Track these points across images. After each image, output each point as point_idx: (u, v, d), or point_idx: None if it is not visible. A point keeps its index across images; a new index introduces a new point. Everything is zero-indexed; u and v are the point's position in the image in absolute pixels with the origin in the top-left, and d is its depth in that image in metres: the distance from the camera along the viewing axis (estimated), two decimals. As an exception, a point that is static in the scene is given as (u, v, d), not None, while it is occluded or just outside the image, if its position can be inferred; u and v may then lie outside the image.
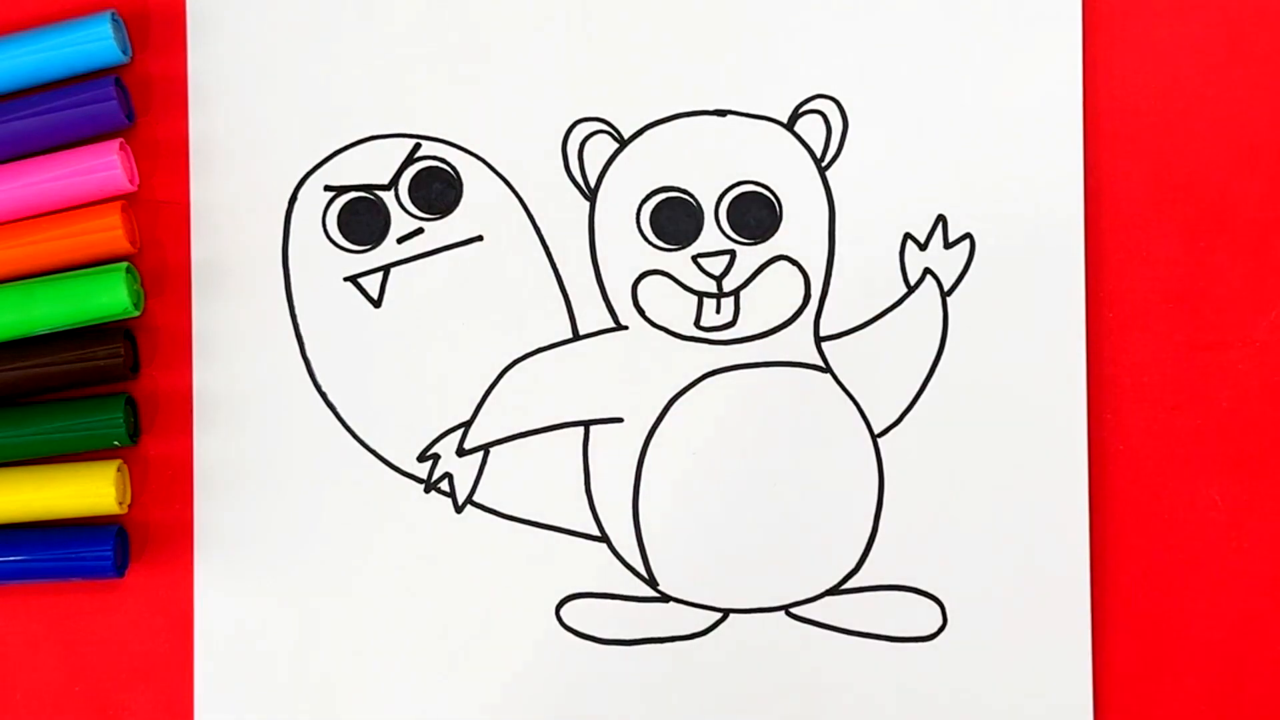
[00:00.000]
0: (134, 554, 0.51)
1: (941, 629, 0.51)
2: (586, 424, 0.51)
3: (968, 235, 0.51)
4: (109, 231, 0.50)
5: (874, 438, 0.51)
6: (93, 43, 0.50)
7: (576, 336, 0.51)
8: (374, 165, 0.51)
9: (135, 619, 0.51)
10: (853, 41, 0.51)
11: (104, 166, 0.50)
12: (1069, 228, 0.51)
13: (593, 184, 0.51)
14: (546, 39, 0.51)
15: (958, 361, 0.51)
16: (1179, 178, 0.51)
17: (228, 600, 0.51)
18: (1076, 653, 0.51)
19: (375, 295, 0.51)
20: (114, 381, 0.51)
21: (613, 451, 0.51)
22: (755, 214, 0.51)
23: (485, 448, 0.51)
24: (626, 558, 0.51)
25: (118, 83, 0.51)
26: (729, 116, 0.51)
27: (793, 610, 0.51)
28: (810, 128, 0.51)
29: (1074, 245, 0.51)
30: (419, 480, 0.51)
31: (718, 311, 0.51)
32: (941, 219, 0.51)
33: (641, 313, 0.51)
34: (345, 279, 0.52)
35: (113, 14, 0.51)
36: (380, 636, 0.51)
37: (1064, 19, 0.51)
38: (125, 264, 0.50)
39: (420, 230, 0.51)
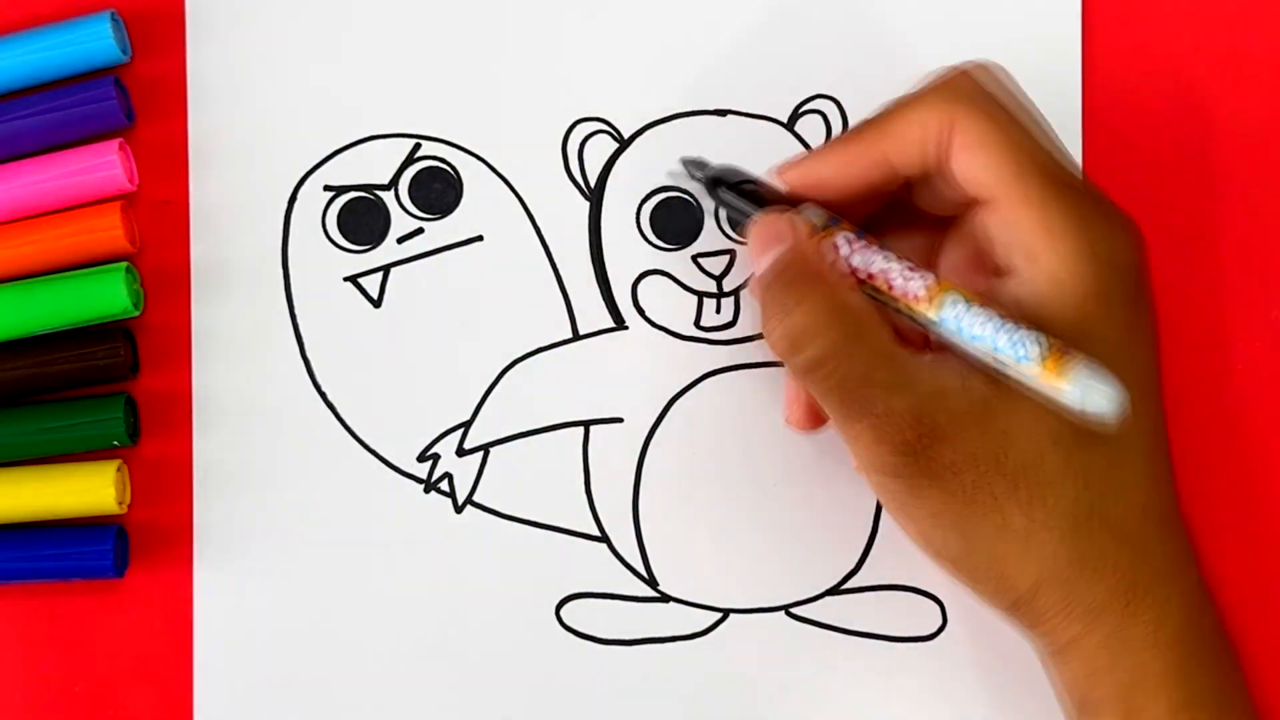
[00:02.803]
0: (134, 554, 0.51)
1: (941, 629, 0.51)
2: (586, 424, 0.51)
3: (968, 235, 0.51)
4: (109, 231, 0.50)
5: (874, 438, 0.51)
6: (92, 42, 0.50)
7: (576, 336, 0.51)
8: (374, 165, 0.51)
9: (135, 619, 0.51)
10: (853, 41, 0.51)
11: (104, 166, 0.50)
12: (1069, 228, 0.51)
13: (593, 184, 0.51)
14: (546, 39, 0.51)
15: (958, 361, 0.51)
16: (1179, 178, 0.51)
17: (227, 600, 0.51)
18: (1076, 653, 0.51)
19: (375, 295, 0.51)
20: (114, 381, 0.51)
21: (613, 451, 0.51)
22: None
23: (485, 448, 0.51)
24: (626, 558, 0.51)
25: (117, 82, 0.51)
26: (729, 116, 0.51)
27: (793, 610, 0.51)
28: (810, 128, 0.51)
29: (1074, 245, 0.51)
30: (419, 480, 0.51)
31: (717, 311, 0.51)
32: (941, 219, 0.51)
33: (641, 313, 0.51)
34: (345, 279, 0.52)
35: (112, 14, 0.51)
36: (380, 636, 0.51)
37: (1064, 19, 0.51)
38: (125, 264, 0.50)
39: (420, 230, 0.51)
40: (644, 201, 0.51)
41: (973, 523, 0.43)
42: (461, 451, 0.51)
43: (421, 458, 0.51)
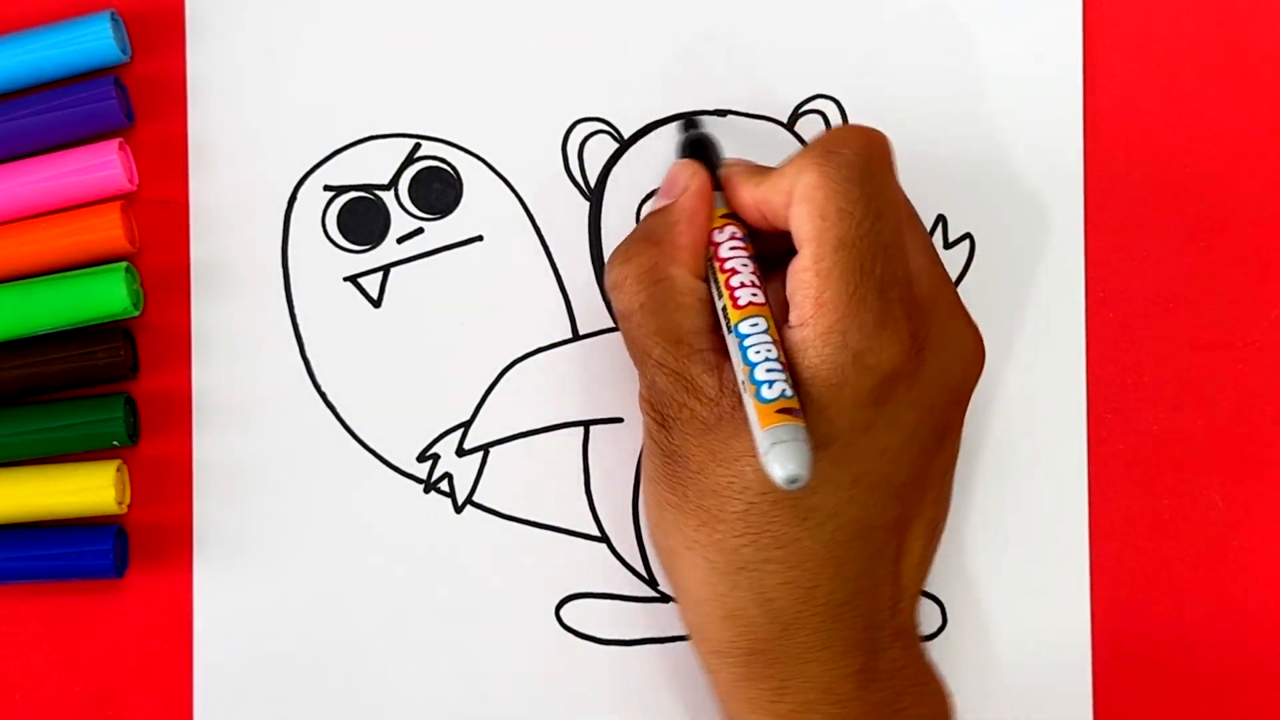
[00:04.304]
0: (134, 554, 0.51)
1: (941, 629, 0.51)
2: (586, 424, 0.51)
3: (968, 235, 0.51)
4: (108, 231, 0.50)
5: (874, 438, 0.51)
6: (92, 42, 0.50)
7: (576, 336, 0.51)
8: (374, 165, 0.51)
9: (135, 619, 0.51)
10: (853, 41, 0.51)
11: (103, 166, 0.50)
12: (1069, 228, 0.51)
13: (593, 184, 0.51)
14: (546, 39, 0.51)
15: (958, 361, 0.51)
16: (1179, 178, 0.51)
17: (227, 600, 0.51)
18: (1076, 652, 0.51)
19: (375, 295, 0.51)
20: (113, 381, 0.51)
21: (613, 451, 0.51)
22: (755, 214, 0.51)
23: (485, 448, 0.51)
24: (626, 558, 0.51)
25: (117, 82, 0.50)
26: (729, 116, 0.51)
27: (793, 610, 0.51)
28: (810, 128, 0.51)
29: (1074, 245, 0.51)
30: (419, 480, 0.51)
31: (718, 311, 0.51)
32: (941, 219, 0.51)
33: (641, 313, 0.51)
34: (345, 279, 0.52)
35: (112, 13, 0.51)
36: (380, 636, 0.51)
37: (1064, 19, 0.51)
38: (125, 264, 0.50)
39: (420, 230, 0.51)
40: (644, 201, 0.51)
41: (664, 506, 0.45)
42: (461, 451, 0.51)
43: (421, 458, 0.51)
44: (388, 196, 0.52)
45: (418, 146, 0.52)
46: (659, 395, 0.45)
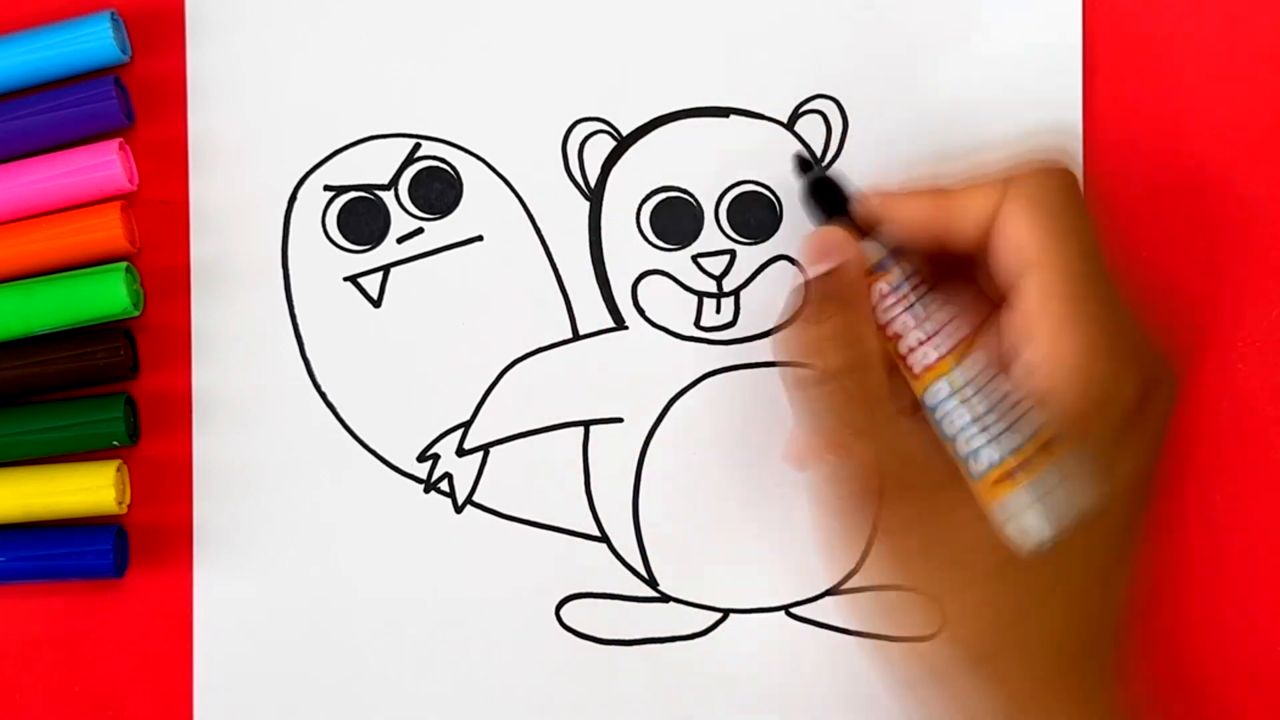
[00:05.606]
0: (134, 554, 0.51)
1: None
2: (586, 424, 0.51)
3: (968, 235, 0.51)
4: (108, 231, 0.50)
5: (874, 438, 0.51)
6: (92, 42, 0.50)
7: (576, 336, 0.51)
8: (374, 165, 0.51)
9: (135, 619, 0.51)
10: (853, 41, 0.51)
11: (103, 166, 0.50)
12: (1069, 228, 0.51)
13: (593, 184, 0.51)
14: (546, 39, 0.51)
15: (958, 361, 0.51)
16: (1179, 178, 0.51)
17: (227, 600, 0.51)
18: (1076, 653, 0.51)
19: (375, 295, 0.51)
20: (114, 381, 0.51)
21: (613, 451, 0.51)
22: (755, 214, 0.51)
23: (485, 448, 0.51)
24: (626, 558, 0.51)
25: (117, 82, 0.51)
26: (730, 116, 0.51)
27: (793, 610, 0.51)
28: (810, 128, 0.51)
29: (1074, 245, 0.51)
30: (419, 480, 0.51)
31: (718, 311, 0.51)
32: (941, 219, 0.51)
33: (641, 313, 0.51)
34: (345, 279, 0.52)
35: (112, 13, 0.51)
36: (380, 636, 0.51)
37: (1064, 19, 0.51)
38: (125, 264, 0.50)
39: (420, 230, 0.51)
40: (644, 201, 0.51)
41: (918, 579, 0.44)
42: (461, 451, 0.51)
43: (421, 458, 0.51)
44: (388, 196, 0.52)
45: (418, 146, 0.52)
46: (859, 471, 0.43)
